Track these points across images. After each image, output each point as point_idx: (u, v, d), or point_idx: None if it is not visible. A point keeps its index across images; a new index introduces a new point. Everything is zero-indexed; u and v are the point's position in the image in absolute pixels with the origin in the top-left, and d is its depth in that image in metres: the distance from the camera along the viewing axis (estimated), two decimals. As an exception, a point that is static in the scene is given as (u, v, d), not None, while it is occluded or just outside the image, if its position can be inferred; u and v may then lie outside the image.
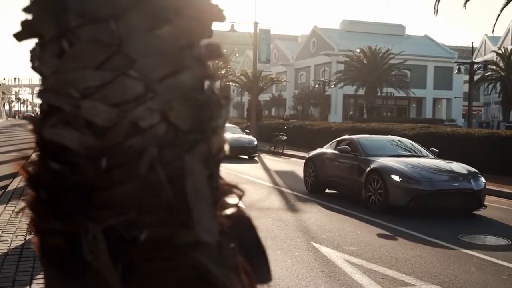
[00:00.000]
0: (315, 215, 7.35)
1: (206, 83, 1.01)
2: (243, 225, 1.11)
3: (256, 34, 25.58)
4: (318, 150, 10.27)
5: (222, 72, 34.93)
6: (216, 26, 1.02)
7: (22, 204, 0.96)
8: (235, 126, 21.60)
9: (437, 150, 9.40)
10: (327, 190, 9.73)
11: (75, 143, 0.91)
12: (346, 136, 10.10)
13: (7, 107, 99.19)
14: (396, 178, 7.67)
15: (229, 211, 1.07)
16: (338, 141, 9.78)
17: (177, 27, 0.97)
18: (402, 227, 6.60)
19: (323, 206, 8.22)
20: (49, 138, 0.92)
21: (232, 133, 18.15)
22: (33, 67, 0.99)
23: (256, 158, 17.14)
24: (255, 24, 25.48)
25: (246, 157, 17.32)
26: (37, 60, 0.97)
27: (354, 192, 8.61)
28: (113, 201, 0.92)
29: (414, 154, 9.13)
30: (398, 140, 10.04)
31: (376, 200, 7.83)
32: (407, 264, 4.92)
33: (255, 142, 18.01)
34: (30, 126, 0.95)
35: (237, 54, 39.42)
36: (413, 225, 6.66)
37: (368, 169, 8.15)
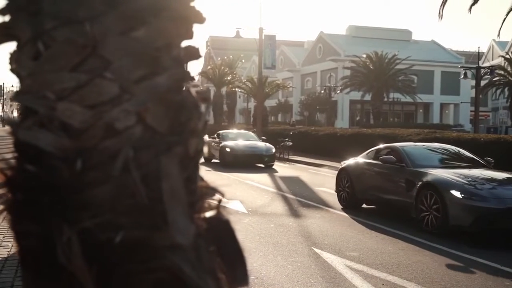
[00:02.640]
0: (318, 221, 7.32)
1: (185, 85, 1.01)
2: (221, 228, 1.10)
3: (261, 40, 25.65)
4: (353, 160, 9.01)
5: (228, 78, 35.03)
6: (222, 32, 1.02)
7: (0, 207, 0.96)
8: (250, 132, 20.15)
9: (492, 160, 8.14)
10: (363, 205, 8.52)
11: (50, 145, 0.91)
12: (387, 144, 8.90)
13: (15, 113, 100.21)
14: (457, 194, 6.43)
15: (207, 213, 1.07)
16: (377, 150, 8.65)
17: (154, 28, 0.96)
18: (405, 232, 6.55)
19: (326, 211, 8.18)
20: (24, 140, 0.92)
21: (246, 140, 17.03)
22: (11, 69, 0.99)
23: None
24: (260, 30, 25.55)
25: (262, 165, 15.92)
26: (14, 62, 0.97)
27: (401, 209, 7.38)
28: (88, 203, 0.92)
29: (469, 164, 7.87)
30: (448, 148, 8.83)
31: (432, 220, 6.59)
32: (409, 270, 4.88)
33: (273, 150, 16.35)
34: (9, 129, 0.94)
35: (243, 60, 39.46)
36: (416, 231, 6.62)
37: (420, 183, 6.92)
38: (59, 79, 0.95)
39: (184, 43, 1.05)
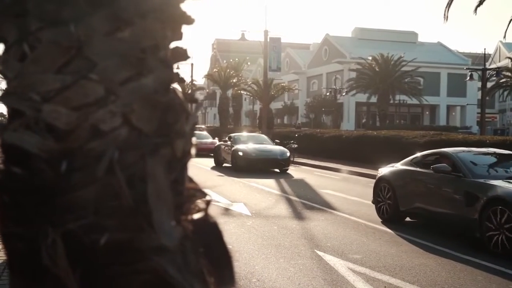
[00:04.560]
0: (321, 223, 7.30)
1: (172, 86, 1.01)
2: (208, 230, 1.10)
3: (266, 42, 25.66)
4: (394, 167, 7.95)
5: (234, 80, 35.09)
6: (228, 34, 1.01)
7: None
8: (263, 134, 19.48)
9: None
10: (407, 219, 7.55)
11: (35, 147, 0.91)
12: (435, 150, 7.98)
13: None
14: None
15: (195, 215, 1.06)
16: (423, 156, 7.66)
17: (140, 29, 0.96)
18: (409, 235, 6.51)
19: (330, 214, 8.15)
20: (10, 142, 0.92)
21: (259, 143, 16.38)
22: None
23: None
24: (266, 32, 25.55)
25: (277, 170, 15.23)
26: (1, 64, 0.97)
27: (459, 226, 6.43)
28: (73, 205, 0.91)
29: None
30: (504, 153, 7.66)
31: (503, 241, 5.64)
32: (412, 273, 4.86)
33: (288, 154, 15.65)
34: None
35: (249, 63, 39.54)
36: (420, 233, 6.58)
37: (486, 198, 5.97)
38: (44, 80, 0.95)
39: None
